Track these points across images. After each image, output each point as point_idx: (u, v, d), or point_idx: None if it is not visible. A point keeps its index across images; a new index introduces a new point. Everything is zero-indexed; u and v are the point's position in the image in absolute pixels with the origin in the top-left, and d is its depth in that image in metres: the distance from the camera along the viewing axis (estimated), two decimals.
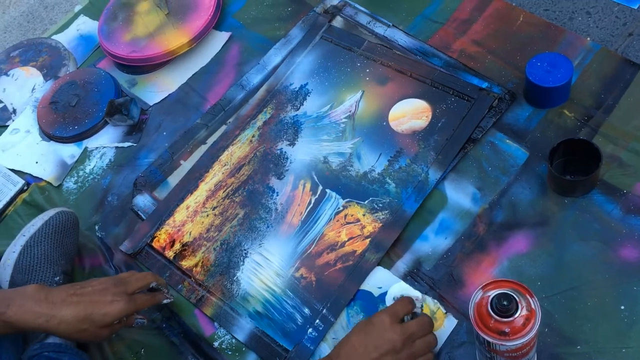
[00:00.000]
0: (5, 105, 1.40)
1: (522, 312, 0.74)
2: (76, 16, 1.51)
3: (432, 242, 1.02)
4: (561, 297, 0.92)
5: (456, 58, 1.19)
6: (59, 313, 0.86)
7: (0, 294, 0.89)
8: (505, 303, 0.73)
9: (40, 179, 1.27)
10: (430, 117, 1.13)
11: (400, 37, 1.24)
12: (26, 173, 1.28)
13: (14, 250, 1.05)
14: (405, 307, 0.88)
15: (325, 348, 0.96)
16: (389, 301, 0.96)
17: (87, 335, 0.89)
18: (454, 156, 1.08)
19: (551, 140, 1.02)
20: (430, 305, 0.94)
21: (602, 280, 0.92)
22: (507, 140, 1.08)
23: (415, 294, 0.94)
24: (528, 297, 0.75)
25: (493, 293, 0.75)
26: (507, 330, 0.74)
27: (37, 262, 1.04)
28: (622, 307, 0.89)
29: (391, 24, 1.26)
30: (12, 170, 1.29)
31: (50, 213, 1.09)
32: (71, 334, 0.88)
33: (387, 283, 0.98)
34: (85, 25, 1.48)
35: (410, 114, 1.14)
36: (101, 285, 0.92)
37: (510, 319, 0.73)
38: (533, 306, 0.75)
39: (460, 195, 1.05)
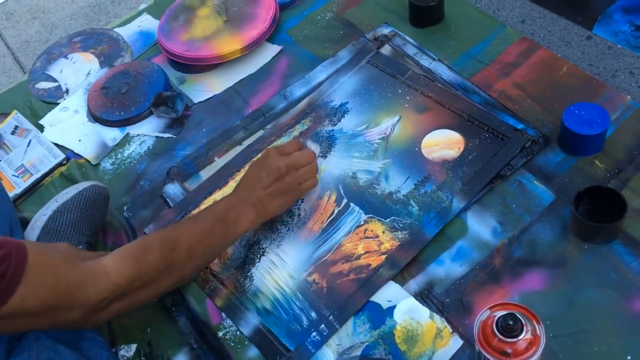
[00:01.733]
0: (59, 85, 1.48)
1: (526, 335, 0.74)
2: (139, 13, 1.59)
3: (447, 268, 1.02)
4: (568, 338, 0.91)
5: (496, 98, 1.21)
6: None
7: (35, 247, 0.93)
8: (511, 323, 0.73)
9: (80, 156, 1.33)
10: (462, 149, 1.15)
11: (443, 71, 1.28)
12: (68, 149, 1.34)
13: (44, 213, 1.10)
14: (290, 146, 1.07)
15: (328, 352, 0.96)
16: (397, 315, 0.97)
17: None
18: (480, 189, 1.09)
19: (579, 187, 1.02)
20: (437, 322, 0.95)
21: (612, 328, 0.91)
22: (535, 182, 1.09)
23: (424, 310, 0.94)
24: (535, 323, 0.76)
25: (500, 313, 0.76)
26: (509, 351, 0.74)
27: (64, 227, 1.08)
28: (629, 358, 0.88)
29: (437, 58, 1.30)
30: (56, 144, 1.35)
31: (85, 184, 1.14)
32: None
33: (397, 298, 0.99)
34: (147, 22, 1.56)
35: (443, 143, 1.17)
36: None
37: (514, 339, 0.74)
38: (538, 332, 0.75)
39: (481, 226, 1.06)
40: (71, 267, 0.82)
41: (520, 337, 0.74)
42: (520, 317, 0.74)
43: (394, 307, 0.99)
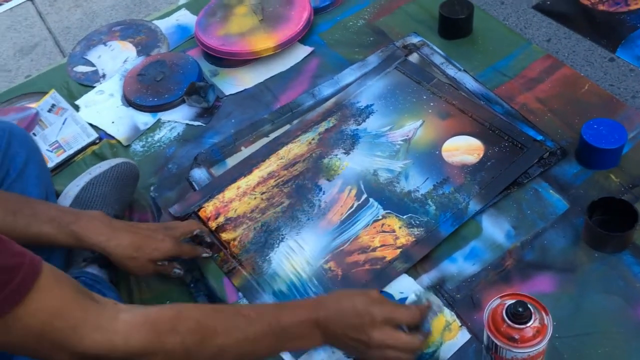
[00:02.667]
0: (97, 70, 1.54)
1: (534, 324, 0.77)
2: (178, 8, 1.66)
3: (460, 265, 1.06)
4: (574, 340, 0.94)
5: (517, 109, 1.25)
6: (118, 237, 0.96)
7: (71, 210, 0.99)
8: (520, 309, 0.77)
9: (112, 137, 1.38)
10: (481, 155, 1.19)
11: (468, 81, 1.32)
12: (101, 129, 1.39)
13: (77, 184, 1.15)
14: (407, 317, 0.88)
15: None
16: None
17: (135, 264, 0.97)
18: (496, 194, 1.13)
19: (593, 198, 1.05)
20: (447, 316, 0.98)
21: (616, 333, 0.94)
22: (551, 191, 1.12)
23: (436, 301, 0.97)
24: (543, 313, 0.79)
25: (510, 302, 0.79)
26: (516, 337, 0.77)
27: (95, 199, 1.13)
28: None
29: (462, 69, 1.35)
30: (90, 124, 1.40)
31: (117, 160, 1.19)
32: (123, 258, 0.96)
33: (409, 290, 1.03)
34: (185, 17, 1.62)
35: (463, 149, 1.21)
36: (154, 226, 1.01)
37: (522, 326, 0.77)
38: (546, 322, 0.78)
39: (495, 229, 1.09)
40: (79, 307, 0.72)
41: (528, 324, 0.77)
42: (530, 306, 0.77)
43: (405, 298, 1.02)
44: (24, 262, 0.67)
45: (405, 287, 1.03)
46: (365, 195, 1.17)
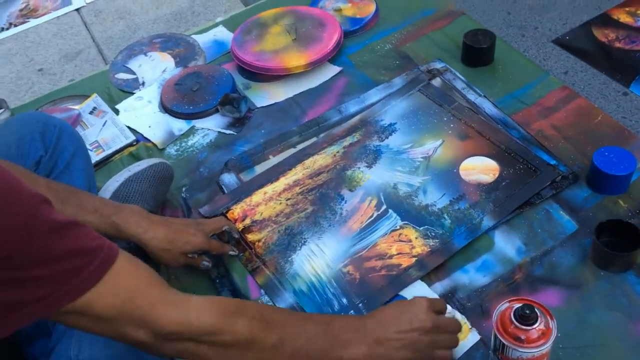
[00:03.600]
0: (137, 78, 1.63)
1: (539, 326, 0.83)
2: (216, 25, 1.76)
3: (471, 276, 1.12)
4: (577, 351, 0.99)
5: (533, 135, 1.32)
6: (154, 230, 1.04)
7: (113, 202, 1.07)
8: (527, 312, 0.83)
9: (149, 140, 1.47)
10: (497, 175, 1.26)
11: (487, 107, 1.40)
12: (138, 132, 1.48)
13: (117, 180, 1.23)
14: (442, 304, 0.97)
15: None
16: None
17: (168, 255, 1.05)
18: (509, 212, 1.19)
19: (602, 220, 1.11)
20: (458, 318, 1.04)
21: (618, 347, 0.99)
22: (561, 212, 1.19)
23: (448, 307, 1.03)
24: (548, 317, 0.85)
25: (518, 305, 0.85)
26: (522, 337, 0.83)
27: (132, 195, 1.21)
28: None
29: (483, 94, 1.42)
30: (128, 127, 1.49)
31: (155, 160, 1.27)
32: (157, 250, 1.04)
33: (423, 294, 1.08)
34: (222, 33, 1.72)
35: (480, 168, 1.28)
36: (186, 222, 1.09)
37: (528, 327, 0.83)
38: (550, 326, 0.84)
39: (507, 244, 1.15)
40: (156, 287, 0.78)
41: (534, 326, 0.83)
42: (536, 309, 0.83)
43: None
44: (104, 245, 0.73)
45: (419, 292, 1.10)
46: (384, 207, 1.24)
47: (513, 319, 0.84)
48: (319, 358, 0.87)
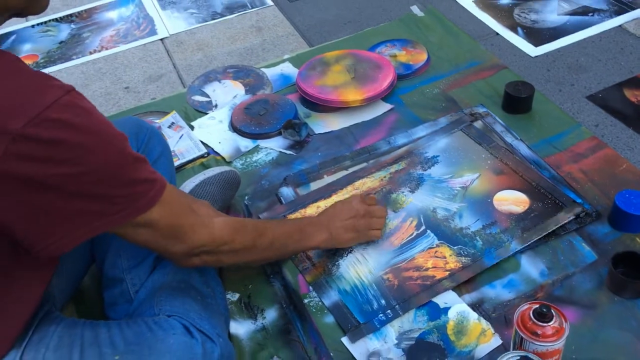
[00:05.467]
0: (211, 100, 1.85)
1: (554, 324, 0.97)
2: (283, 61, 1.97)
3: (498, 291, 1.26)
4: None
5: (562, 176, 1.47)
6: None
7: (191, 196, 1.25)
8: (544, 310, 0.96)
9: (218, 154, 1.66)
10: (526, 207, 1.40)
11: (522, 148, 1.55)
12: (210, 147, 1.68)
13: (193, 181, 1.42)
14: (372, 198, 1.37)
15: (390, 331, 1.20)
16: (450, 314, 1.20)
17: None
18: (536, 239, 1.33)
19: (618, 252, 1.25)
20: (482, 324, 1.18)
21: None
22: (583, 244, 1.32)
23: (473, 313, 1.16)
24: (562, 319, 0.99)
25: (537, 305, 0.99)
26: (539, 332, 0.97)
27: (204, 196, 1.40)
28: None
29: (519, 138, 1.58)
30: (201, 141, 1.69)
31: (227, 168, 1.46)
32: None
33: (453, 302, 1.23)
34: (288, 68, 1.94)
35: (512, 200, 1.42)
36: None
37: (545, 324, 0.97)
38: (564, 326, 0.98)
39: (531, 267, 1.29)
40: (192, 212, 1.02)
41: (550, 323, 0.96)
42: (552, 310, 0.97)
43: (449, 307, 1.22)
44: (159, 177, 0.94)
45: (449, 300, 1.24)
46: (423, 227, 1.40)
47: (532, 316, 0.97)
48: (296, 246, 1.25)
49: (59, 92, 0.81)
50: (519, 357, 0.94)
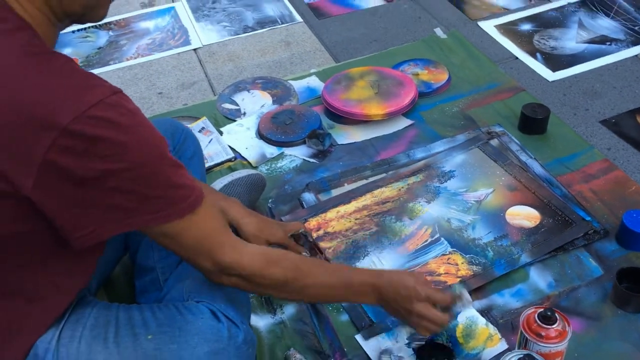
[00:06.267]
0: (239, 109, 1.94)
1: (557, 327, 1.03)
2: (309, 75, 2.07)
3: (506, 300, 1.32)
4: None
5: (573, 195, 1.53)
6: (250, 217, 1.35)
7: (220, 193, 1.35)
8: (549, 313, 1.03)
9: (245, 159, 1.75)
10: (537, 223, 1.47)
11: (536, 167, 1.62)
12: (237, 151, 1.77)
13: (222, 182, 1.50)
14: (441, 299, 1.14)
15: (401, 330, 1.26)
16: (460, 317, 1.27)
17: (255, 241, 1.31)
18: (545, 253, 1.40)
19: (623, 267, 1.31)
20: (490, 329, 1.24)
21: None
22: (590, 259, 1.38)
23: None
24: (565, 323, 1.05)
25: (542, 309, 1.05)
26: (543, 334, 1.03)
27: (232, 196, 1.48)
28: None
29: (533, 157, 1.65)
30: (229, 146, 1.78)
31: (253, 171, 1.55)
32: (248, 234, 1.33)
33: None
34: (314, 82, 2.03)
35: (523, 215, 1.49)
36: (273, 220, 1.36)
37: (549, 327, 1.03)
38: (566, 330, 1.04)
39: (539, 279, 1.35)
40: (225, 231, 1.01)
41: (553, 326, 1.02)
42: (556, 314, 1.03)
43: (459, 312, 1.28)
44: (197, 186, 0.95)
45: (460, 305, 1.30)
46: (437, 235, 1.47)
47: (537, 318, 1.04)
48: (334, 300, 1.22)
49: (106, 91, 0.85)
50: (522, 355, 1.00)
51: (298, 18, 2.43)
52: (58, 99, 0.83)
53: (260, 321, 1.33)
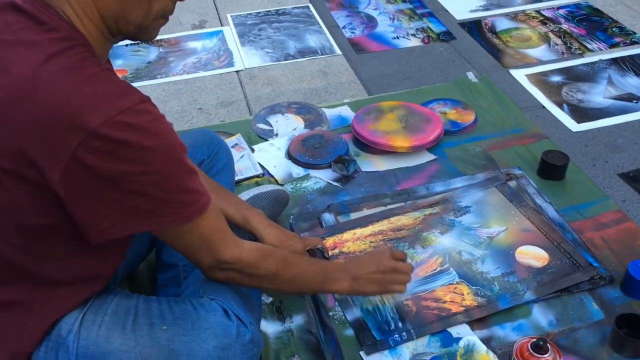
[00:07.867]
0: (272, 129, 2.05)
1: (549, 357, 1.08)
2: (342, 104, 2.17)
3: (507, 332, 1.37)
4: None
5: (584, 241, 1.58)
6: (271, 228, 1.42)
7: (246, 203, 1.42)
8: (541, 343, 1.08)
9: (272, 176, 1.84)
10: (545, 263, 1.52)
11: (550, 211, 1.67)
12: (265, 169, 1.87)
13: (248, 194, 1.60)
14: (402, 255, 1.39)
15: (405, 351, 1.32)
16: (461, 343, 1.32)
17: None
18: (549, 292, 1.44)
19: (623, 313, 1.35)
20: (490, 356, 1.29)
21: None
22: (593, 303, 1.42)
23: (482, 345, 1.27)
24: (557, 354, 1.10)
25: (535, 340, 1.10)
26: None
27: (256, 207, 1.57)
28: None
29: (549, 201, 1.70)
30: (259, 163, 1.88)
31: (279, 187, 1.64)
32: (269, 244, 1.37)
33: (465, 333, 1.35)
34: (345, 111, 2.13)
35: (533, 255, 1.54)
36: (293, 233, 1.45)
37: (540, 356, 1.08)
38: None
39: (541, 316, 1.40)
40: (227, 230, 1.12)
41: (545, 356, 1.07)
42: (548, 345, 1.08)
43: (460, 338, 1.34)
44: (205, 192, 1.04)
45: (462, 331, 1.36)
46: (447, 265, 1.53)
47: (529, 347, 1.09)
48: (317, 287, 1.32)
49: (135, 99, 0.92)
50: None
51: (338, 51, 2.54)
52: (91, 103, 0.90)
53: (269, 327, 1.40)
